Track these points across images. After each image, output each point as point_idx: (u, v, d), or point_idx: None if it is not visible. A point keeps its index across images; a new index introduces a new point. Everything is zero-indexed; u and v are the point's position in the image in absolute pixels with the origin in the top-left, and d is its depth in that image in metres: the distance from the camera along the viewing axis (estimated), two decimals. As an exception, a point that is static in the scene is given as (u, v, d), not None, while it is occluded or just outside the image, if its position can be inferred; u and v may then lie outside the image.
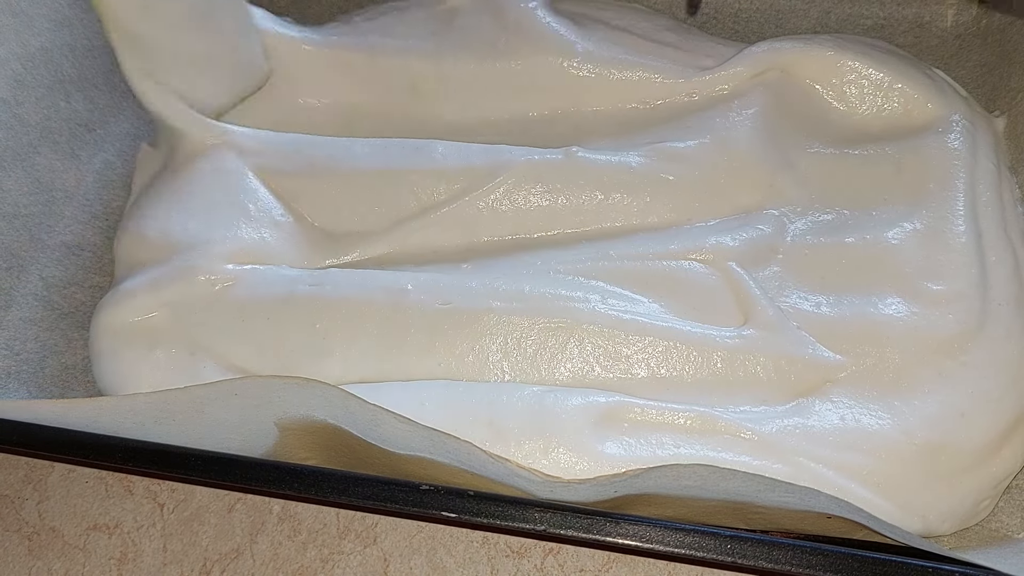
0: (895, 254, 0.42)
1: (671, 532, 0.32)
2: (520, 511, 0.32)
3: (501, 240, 0.45)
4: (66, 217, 0.47)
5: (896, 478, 0.37)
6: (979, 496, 0.38)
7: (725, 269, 0.42)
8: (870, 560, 0.31)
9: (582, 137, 0.48)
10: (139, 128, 0.52)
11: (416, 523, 0.43)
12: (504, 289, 0.41)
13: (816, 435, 0.38)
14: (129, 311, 0.42)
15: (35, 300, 0.44)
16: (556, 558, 0.42)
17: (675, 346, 0.40)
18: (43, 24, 0.46)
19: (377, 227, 0.46)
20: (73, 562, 0.44)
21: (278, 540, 0.43)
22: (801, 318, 0.41)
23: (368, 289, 0.42)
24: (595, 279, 0.42)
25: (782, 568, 0.31)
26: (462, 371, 0.41)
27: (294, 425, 0.36)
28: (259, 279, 0.43)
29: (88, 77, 0.48)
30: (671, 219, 0.45)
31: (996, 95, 0.49)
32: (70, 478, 0.46)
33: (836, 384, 0.40)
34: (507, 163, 0.45)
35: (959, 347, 0.39)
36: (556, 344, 0.41)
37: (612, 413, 0.38)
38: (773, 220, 0.44)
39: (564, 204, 0.45)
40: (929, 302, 0.41)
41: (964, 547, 0.38)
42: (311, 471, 0.34)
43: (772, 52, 0.47)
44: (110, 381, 0.42)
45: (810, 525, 0.36)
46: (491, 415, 0.38)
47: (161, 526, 0.44)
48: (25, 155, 0.44)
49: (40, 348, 0.43)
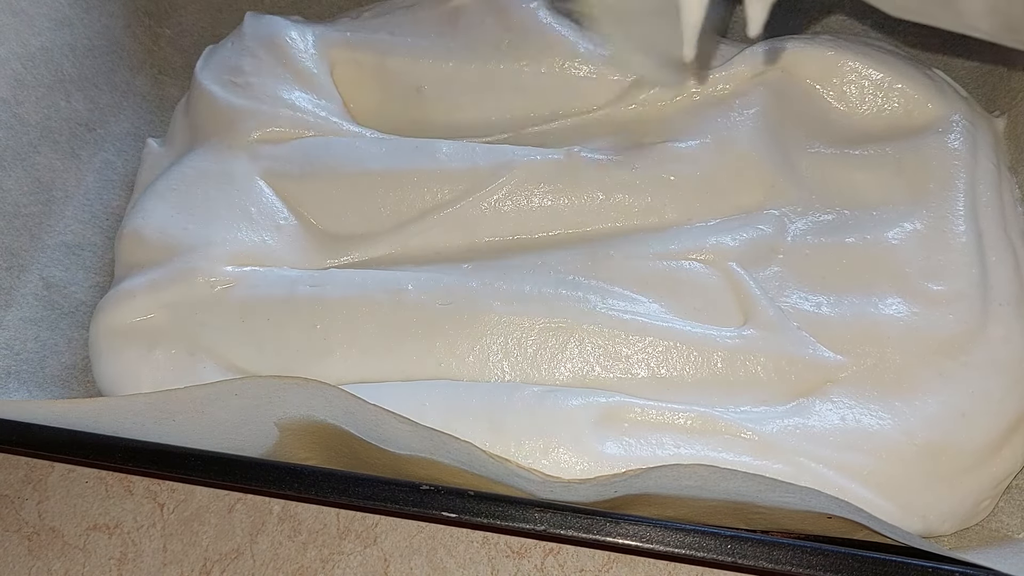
0: (895, 254, 0.42)
1: (671, 532, 0.32)
2: (520, 511, 0.32)
3: (502, 240, 0.45)
4: (66, 217, 0.47)
5: (896, 478, 0.37)
6: (979, 496, 0.38)
7: (725, 269, 0.42)
8: (870, 560, 0.31)
9: (583, 137, 0.48)
10: (139, 128, 0.52)
11: (416, 523, 0.43)
12: (505, 289, 0.42)
13: (816, 435, 0.38)
14: (129, 311, 0.42)
15: (35, 300, 0.44)
16: (556, 558, 0.42)
17: (675, 346, 0.40)
18: (43, 24, 0.46)
19: (380, 228, 0.46)
20: (73, 562, 0.44)
21: (278, 540, 0.43)
22: (801, 318, 0.41)
23: (369, 289, 0.42)
24: (595, 279, 0.42)
25: (782, 568, 0.31)
26: (462, 371, 0.41)
27: (294, 425, 0.36)
28: (259, 280, 0.43)
29: (88, 77, 0.49)
30: (672, 219, 0.45)
31: (996, 95, 0.49)
32: (70, 478, 0.46)
33: (836, 384, 0.40)
34: (510, 163, 0.45)
35: (960, 347, 0.39)
36: (556, 344, 0.41)
37: (612, 413, 0.38)
38: (774, 220, 0.44)
39: (565, 204, 0.45)
40: (929, 302, 0.41)
41: (964, 547, 0.38)
42: (311, 471, 0.34)
43: (773, 52, 0.47)
44: (110, 381, 0.42)
45: (810, 525, 0.36)
46: (491, 415, 0.38)
47: (161, 526, 0.44)
48: (25, 155, 0.44)
49: (40, 348, 0.43)
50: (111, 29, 0.50)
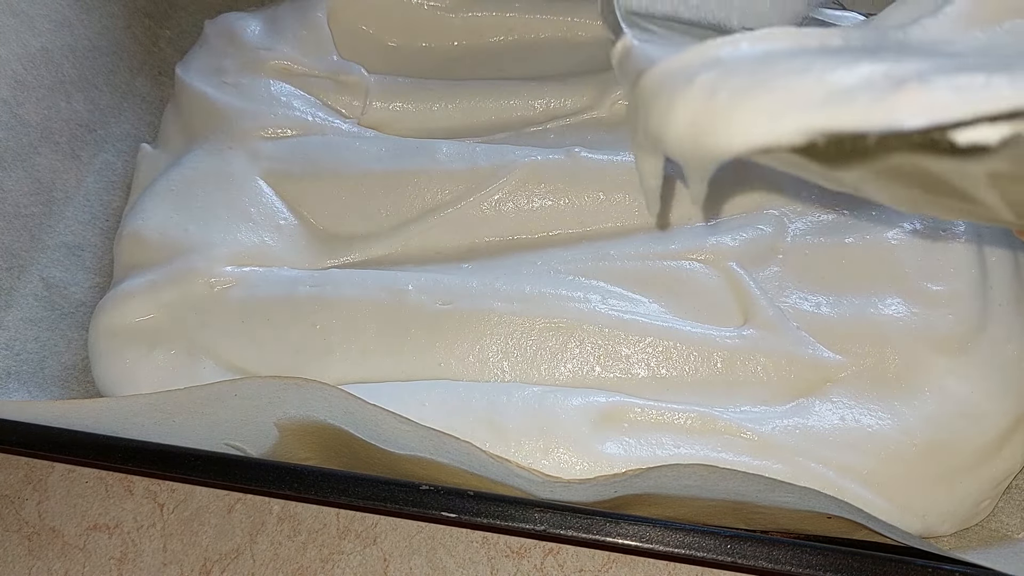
0: (895, 254, 0.42)
1: (671, 532, 0.32)
2: (520, 511, 0.32)
3: (502, 240, 0.45)
4: (66, 217, 0.47)
5: (896, 478, 0.37)
6: (979, 496, 0.38)
7: (725, 269, 0.42)
8: (870, 560, 0.31)
9: (583, 137, 0.48)
10: (139, 128, 0.52)
11: (416, 523, 0.43)
12: (505, 289, 0.42)
13: (816, 435, 0.38)
14: (128, 312, 0.42)
15: (35, 300, 0.44)
16: (556, 558, 0.42)
17: (675, 346, 0.40)
18: (43, 25, 0.46)
19: (380, 228, 0.46)
20: (73, 562, 0.44)
21: (278, 540, 0.43)
22: (801, 318, 0.41)
23: (369, 289, 0.42)
24: (595, 279, 0.42)
25: (782, 568, 0.31)
26: (462, 371, 0.41)
27: (294, 425, 0.36)
28: (259, 280, 0.43)
29: (88, 78, 0.49)
30: (672, 219, 0.45)
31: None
32: (70, 478, 0.46)
33: (836, 384, 0.40)
34: (511, 164, 0.45)
35: (959, 347, 0.39)
36: (556, 344, 0.41)
37: (612, 413, 0.38)
38: (773, 220, 0.44)
39: (566, 204, 0.45)
40: (929, 302, 0.41)
41: (964, 547, 0.38)
42: (311, 471, 0.34)
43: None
44: (110, 382, 0.42)
45: (810, 525, 0.36)
46: (491, 415, 0.38)
47: (161, 526, 0.44)
48: (25, 155, 0.44)
49: (40, 348, 0.43)
50: (111, 30, 0.51)
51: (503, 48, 0.53)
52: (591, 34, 0.53)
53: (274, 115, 0.48)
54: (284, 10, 0.53)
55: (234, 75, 0.49)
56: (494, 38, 0.53)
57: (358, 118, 0.50)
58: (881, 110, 0.18)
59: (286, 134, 0.48)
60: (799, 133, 0.19)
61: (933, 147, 0.18)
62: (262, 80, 0.49)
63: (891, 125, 0.18)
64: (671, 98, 0.22)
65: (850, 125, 0.19)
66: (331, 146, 0.47)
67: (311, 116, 0.48)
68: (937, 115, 0.18)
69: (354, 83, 0.50)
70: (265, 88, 0.49)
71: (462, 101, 0.50)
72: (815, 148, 0.19)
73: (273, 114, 0.48)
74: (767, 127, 0.20)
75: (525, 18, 0.53)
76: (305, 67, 0.50)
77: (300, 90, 0.50)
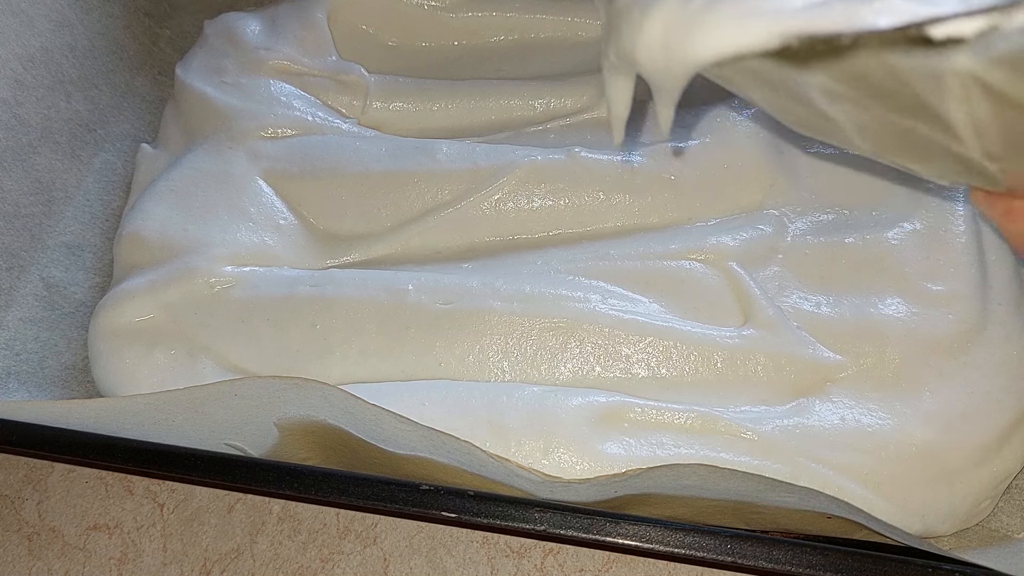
0: (895, 254, 0.42)
1: (671, 532, 0.32)
2: (520, 511, 0.32)
3: (502, 240, 0.45)
4: (66, 217, 0.47)
5: (896, 478, 0.37)
6: (979, 496, 0.38)
7: (725, 269, 0.42)
8: (870, 560, 0.31)
9: (583, 137, 0.48)
10: (139, 128, 0.52)
11: (416, 523, 0.43)
12: (505, 289, 0.42)
13: (816, 435, 0.38)
14: (128, 312, 0.42)
15: (35, 300, 0.44)
16: (556, 558, 0.42)
17: (675, 346, 0.40)
18: (43, 24, 0.46)
19: (380, 228, 0.46)
20: (73, 562, 0.44)
21: (278, 540, 0.43)
22: (801, 318, 0.41)
23: (369, 289, 0.42)
24: (595, 279, 0.42)
25: (782, 568, 0.31)
26: (462, 371, 0.41)
27: (294, 425, 0.36)
28: (259, 280, 0.43)
29: (88, 77, 0.49)
30: (672, 219, 0.45)
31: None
32: (70, 478, 0.46)
33: (836, 384, 0.40)
34: (511, 164, 0.45)
35: (959, 347, 0.39)
36: (556, 344, 0.41)
37: (612, 413, 0.38)
38: (773, 220, 0.44)
39: (566, 204, 0.45)
40: (929, 302, 0.41)
41: (964, 547, 0.38)
42: (311, 471, 0.34)
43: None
44: (110, 382, 0.42)
45: (810, 525, 0.36)
46: (491, 415, 0.38)
47: (161, 526, 0.44)
48: (25, 155, 0.44)
49: (40, 348, 0.43)
50: (111, 30, 0.51)
51: (503, 48, 0.53)
52: (591, 34, 0.53)
53: (274, 115, 0.48)
54: (284, 10, 0.53)
55: (234, 75, 0.49)
56: (494, 38, 0.53)
57: (358, 118, 0.50)
58: (859, 10, 0.18)
59: (286, 134, 0.48)
60: (776, 36, 0.19)
61: (907, 40, 0.18)
62: (262, 80, 0.49)
63: (868, 25, 0.18)
64: (645, 7, 0.22)
65: (828, 27, 0.18)
66: (331, 146, 0.47)
67: (311, 116, 0.48)
68: (915, 13, 0.18)
69: (354, 83, 0.51)
70: (265, 88, 0.49)
71: (462, 101, 0.50)
72: (788, 50, 0.19)
73: (273, 114, 0.48)
74: (742, 30, 0.20)
75: (525, 18, 0.53)
76: (305, 67, 0.50)
77: (300, 90, 0.50)
